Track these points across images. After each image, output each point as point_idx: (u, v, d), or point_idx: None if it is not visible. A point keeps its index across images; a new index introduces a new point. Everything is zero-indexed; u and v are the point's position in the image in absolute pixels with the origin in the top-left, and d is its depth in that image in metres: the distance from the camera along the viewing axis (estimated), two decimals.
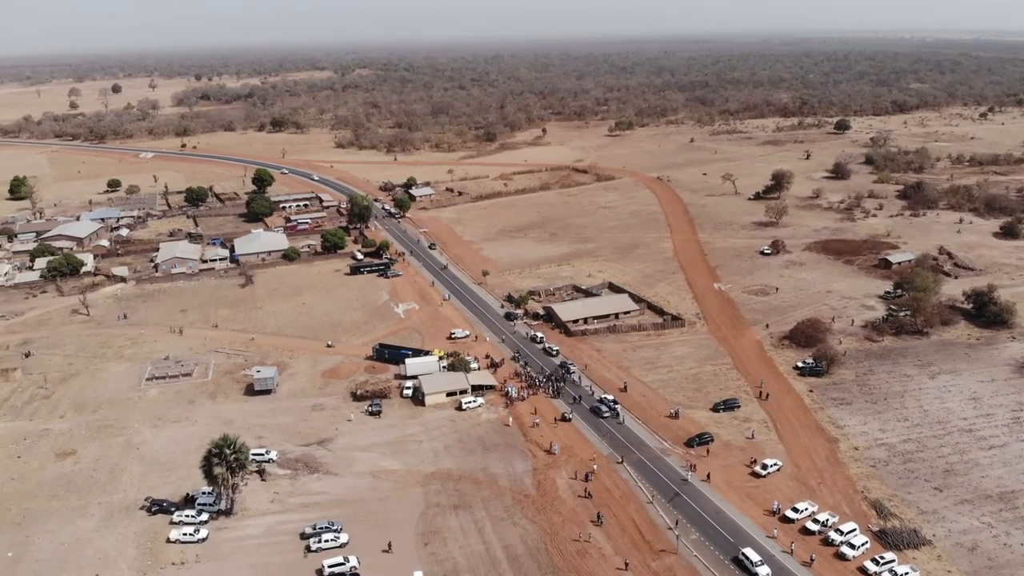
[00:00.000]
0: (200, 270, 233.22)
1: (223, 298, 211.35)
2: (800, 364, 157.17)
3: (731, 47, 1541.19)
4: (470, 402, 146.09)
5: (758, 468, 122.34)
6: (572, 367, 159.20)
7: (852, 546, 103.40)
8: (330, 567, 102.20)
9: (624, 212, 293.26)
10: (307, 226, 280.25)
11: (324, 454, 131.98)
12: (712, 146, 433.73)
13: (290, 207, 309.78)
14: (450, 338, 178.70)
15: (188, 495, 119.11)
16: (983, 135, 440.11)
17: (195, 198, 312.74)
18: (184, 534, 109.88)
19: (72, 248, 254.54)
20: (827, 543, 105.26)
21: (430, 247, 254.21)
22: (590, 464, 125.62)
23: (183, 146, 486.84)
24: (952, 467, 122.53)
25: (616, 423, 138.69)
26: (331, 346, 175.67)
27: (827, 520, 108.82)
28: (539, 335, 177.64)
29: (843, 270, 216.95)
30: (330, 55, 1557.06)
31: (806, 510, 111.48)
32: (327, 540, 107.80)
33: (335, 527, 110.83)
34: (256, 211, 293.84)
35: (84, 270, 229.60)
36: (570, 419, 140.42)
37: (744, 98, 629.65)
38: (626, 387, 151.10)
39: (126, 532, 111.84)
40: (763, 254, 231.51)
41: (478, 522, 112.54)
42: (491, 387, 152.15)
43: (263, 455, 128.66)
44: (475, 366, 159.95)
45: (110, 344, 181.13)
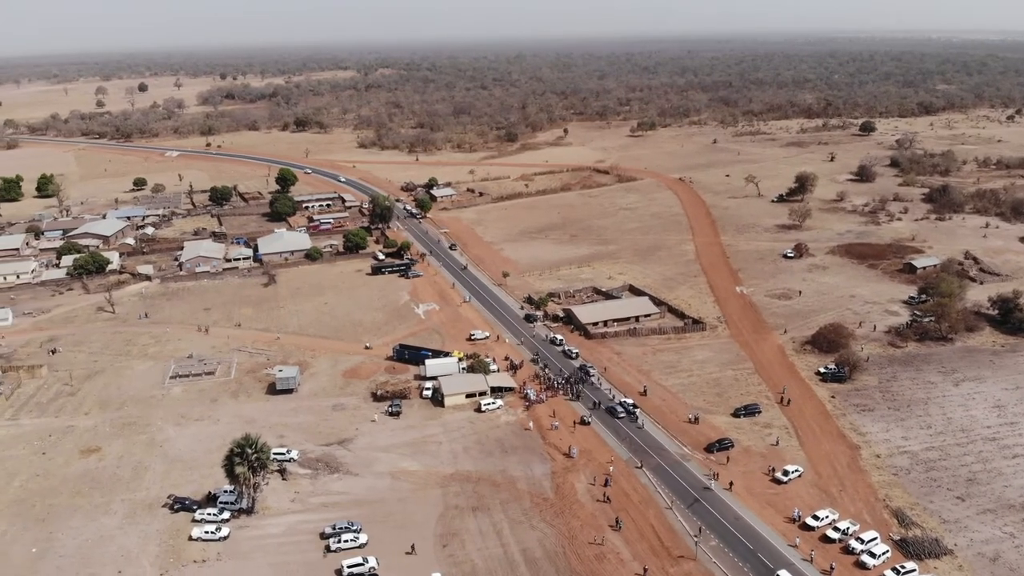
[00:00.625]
0: (224, 269, 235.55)
1: (246, 297, 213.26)
2: (822, 369, 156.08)
3: (755, 47, 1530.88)
4: (489, 404, 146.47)
5: (779, 474, 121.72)
6: (591, 370, 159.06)
7: (873, 555, 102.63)
8: (349, 567, 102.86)
9: (645, 214, 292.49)
10: (329, 226, 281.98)
11: (344, 454, 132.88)
12: (735, 147, 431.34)
13: (313, 207, 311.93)
14: (470, 339, 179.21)
15: (210, 493, 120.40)
16: (1010, 138, 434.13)
17: (219, 197, 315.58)
18: (206, 532, 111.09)
19: (98, 246, 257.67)
20: (847, 551, 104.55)
21: (451, 248, 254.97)
22: (606, 466, 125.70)
23: (208, 145, 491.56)
24: (975, 476, 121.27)
25: (636, 427, 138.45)
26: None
27: (848, 528, 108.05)
28: (558, 337, 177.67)
29: (867, 274, 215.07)
30: (353, 54, 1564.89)
31: (827, 518, 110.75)
32: (347, 540, 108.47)
33: (355, 527, 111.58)
34: (279, 211, 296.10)
35: (110, 268, 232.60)
36: (589, 422, 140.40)
37: (768, 99, 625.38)
38: (646, 391, 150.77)
39: (149, 529, 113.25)
40: (786, 257, 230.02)
41: (496, 525, 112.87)
42: (510, 389, 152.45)
43: (284, 454, 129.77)
44: (494, 368, 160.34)
45: (135, 342, 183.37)
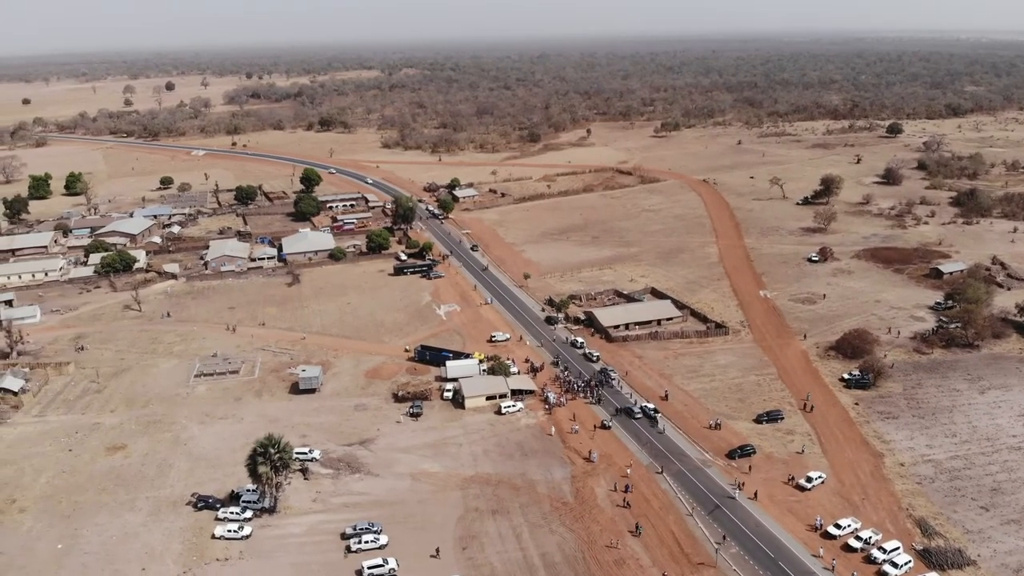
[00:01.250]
0: (248, 268, 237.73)
1: (270, 296, 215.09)
2: (846, 376, 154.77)
3: (781, 47, 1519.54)
4: (509, 406, 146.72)
5: (803, 481, 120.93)
6: (613, 373, 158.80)
7: (895, 565, 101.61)
8: (369, 568, 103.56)
9: (668, 215, 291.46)
10: (353, 226, 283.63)
11: (365, 454, 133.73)
12: (760, 148, 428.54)
13: (337, 207, 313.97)
14: (490, 341, 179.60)
15: (233, 492, 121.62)
16: None
17: (244, 196, 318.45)
18: (228, 531, 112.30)
19: (125, 244, 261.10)
20: (869, 561, 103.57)
21: (472, 248, 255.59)
22: (624, 470, 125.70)
23: (233, 144, 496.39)
24: (1000, 485, 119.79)
25: (657, 432, 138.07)
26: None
27: (870, 537, 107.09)
28: (579, 340, 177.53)
29: (892, 279, 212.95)
30: (377, 54, 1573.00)
31: (849, 527, 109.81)
32: (367, 541, 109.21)
33: (375, 528, 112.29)
34: (303, 210, 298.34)
35: (136, 266, 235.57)
36: (609, 427, 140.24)
37: (793, 99, 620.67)
38: (667, 396, 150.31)
39: (172, 527, 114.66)
40: (810, 261, 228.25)
41: (516, 528, 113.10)
42: (530, 392, 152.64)
43: (306, 454, 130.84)
44: (515, 370, 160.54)
45: (160, 340, 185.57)
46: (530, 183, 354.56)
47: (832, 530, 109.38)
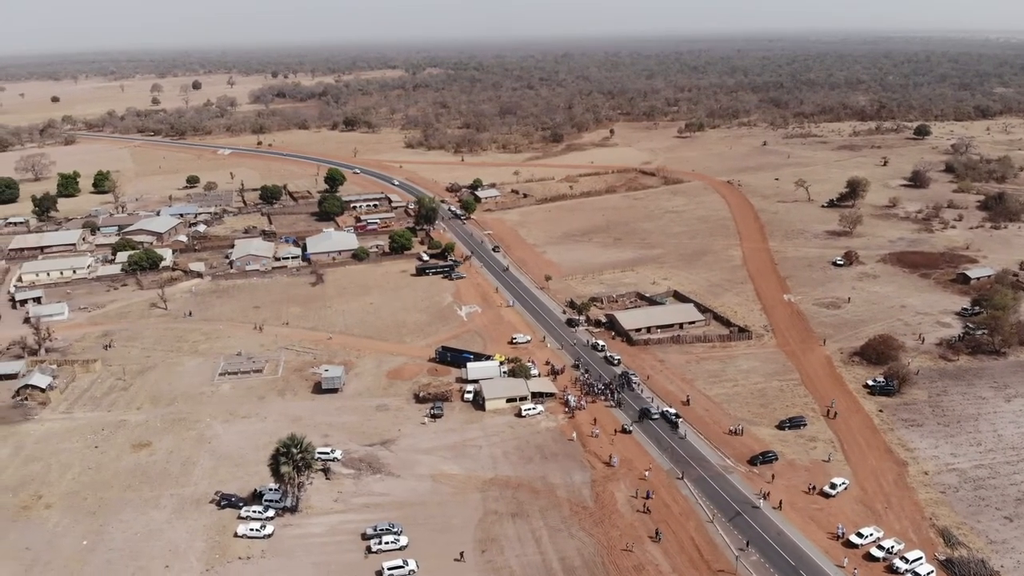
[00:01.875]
0: (273, 268, 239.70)
1: (294, 296, 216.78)
2: (871, 382, 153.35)
3: (808, 46, 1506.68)
4: (529, 409, 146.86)
5: (827, 488, 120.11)
6: (634, 377, 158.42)
7: (917, 575, 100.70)
8: (390, 569, 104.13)
9: (692, 217, 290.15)
10: (376, 226, 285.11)
11: (386, 455, 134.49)
12: (785, 150, 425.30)
13: (360, 207, 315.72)
14: (511, 343, 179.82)
15: (256, 491, 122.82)
16: None
17: (269, 196, 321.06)
18: (251, 529, 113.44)
19: (152, 243, 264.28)
20: (891, 571, 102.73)
21: (494, 249, 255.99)
22: (642, 473, 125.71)
23: (259, 143, 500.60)
24: None
25: (678, 437, 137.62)
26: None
27: (892, 547, 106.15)
28: (600, 343, 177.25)
29: (918, 284, 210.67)
30: (402, 53, 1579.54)
31: (871, 535, 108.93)
32: (387, 542, 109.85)
33: (395, 529, 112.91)
34: (328, 210, 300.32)
35: (163, 265, 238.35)
36: (630, 431, 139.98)
37: (819, 100, 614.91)
38: (689, 400, 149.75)
39: (196, 525, 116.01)
40: (836, 265, 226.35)
41: (535, 531, 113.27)
42: (551, 395, 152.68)
43: (328, 454, 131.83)
44: (535, 373, 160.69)
45: (186, 338, 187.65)
46: (552, 184, 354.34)
47: (854, 539, 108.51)
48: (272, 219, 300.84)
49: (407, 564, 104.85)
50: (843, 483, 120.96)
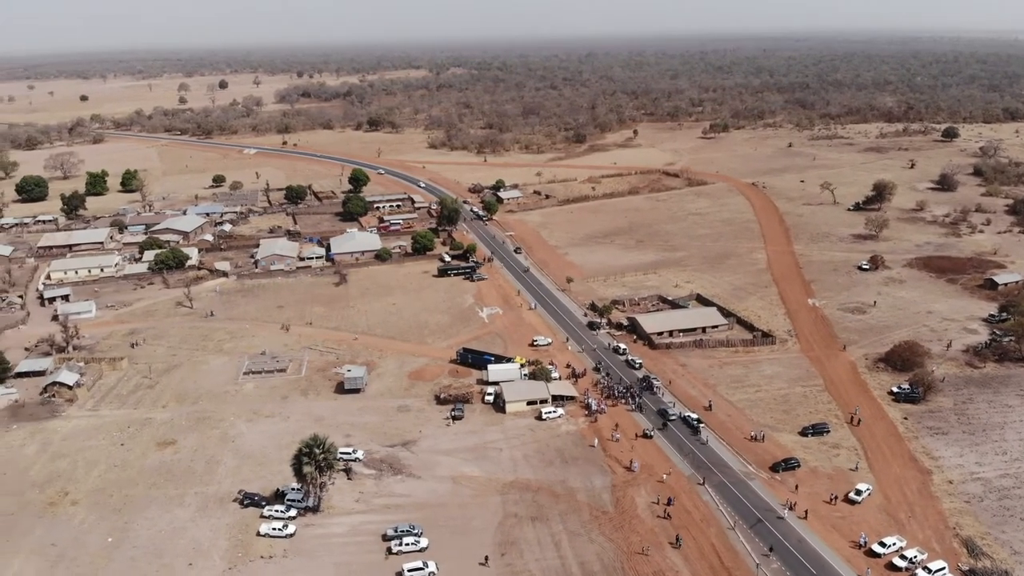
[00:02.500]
0: (297, 267, 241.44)
1: (318, 296, 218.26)
2: (895, 389, 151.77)
3: (834, 46, 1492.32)
4: (550, 412, 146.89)
5: (852, 494, 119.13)
6: (655, 381, 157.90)
7: None
8: (410, 571, 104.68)
9: (716, 220, 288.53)
10: (399, 227, 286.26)
11: (407, 456, 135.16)
12: (811, 152, 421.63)
13: (383, 207, 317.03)
14: (532, 345, 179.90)
15: (278, 490, 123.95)
16: None
17: (294, 196, 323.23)
18: (273, 528, 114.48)
19: (178, 242, 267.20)
20: None
21: (516, 251, 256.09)
22: (661, 476, 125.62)
23: (284, 143, 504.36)
24: None
25: (699, 443, 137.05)
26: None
27: (915, 557, 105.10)
28: (622, 346, 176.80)
29: (945, 289, 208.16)
30: (426, 53, 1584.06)
31: (894, 545, 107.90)
32: (408, 543, 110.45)
33: (416, 531, 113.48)
34: (351, 210, 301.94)
35: (189, 264, 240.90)
36: (651, 436, 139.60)
37: (846, 101, 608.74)
38: (711, 405, 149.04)
39: (219, 523, 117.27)
40: (861, 269, 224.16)
41: (555, 535, 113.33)
42: (571, 398, 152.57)
43: (350, 454, 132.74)
44: (556, 375, 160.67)
45: (211, 337, 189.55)
46: (575, 185, 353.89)
47: (877, 548, 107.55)
48: (297, 219, 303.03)
49: (427, 566, 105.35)
50: (867, 489, 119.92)
